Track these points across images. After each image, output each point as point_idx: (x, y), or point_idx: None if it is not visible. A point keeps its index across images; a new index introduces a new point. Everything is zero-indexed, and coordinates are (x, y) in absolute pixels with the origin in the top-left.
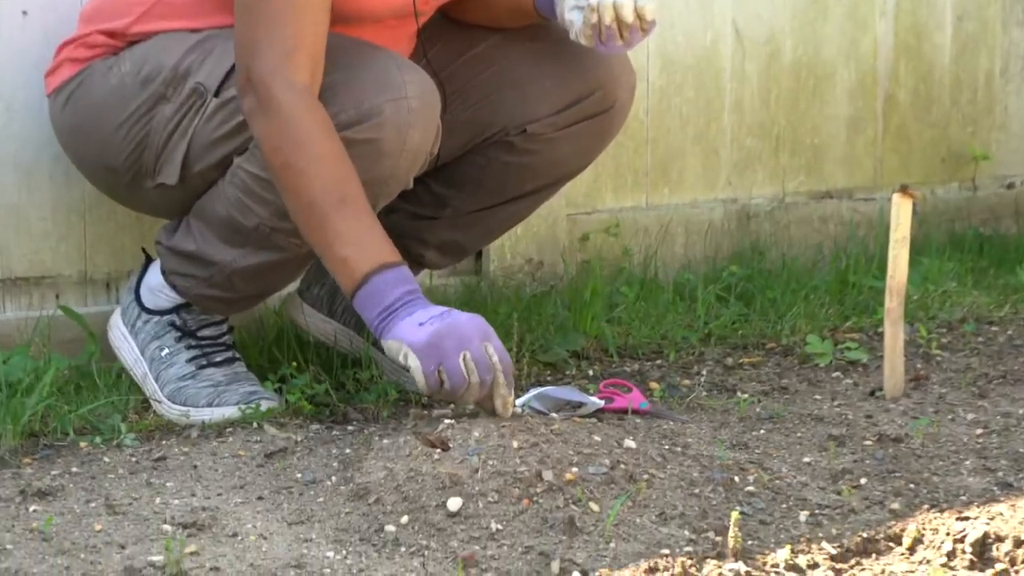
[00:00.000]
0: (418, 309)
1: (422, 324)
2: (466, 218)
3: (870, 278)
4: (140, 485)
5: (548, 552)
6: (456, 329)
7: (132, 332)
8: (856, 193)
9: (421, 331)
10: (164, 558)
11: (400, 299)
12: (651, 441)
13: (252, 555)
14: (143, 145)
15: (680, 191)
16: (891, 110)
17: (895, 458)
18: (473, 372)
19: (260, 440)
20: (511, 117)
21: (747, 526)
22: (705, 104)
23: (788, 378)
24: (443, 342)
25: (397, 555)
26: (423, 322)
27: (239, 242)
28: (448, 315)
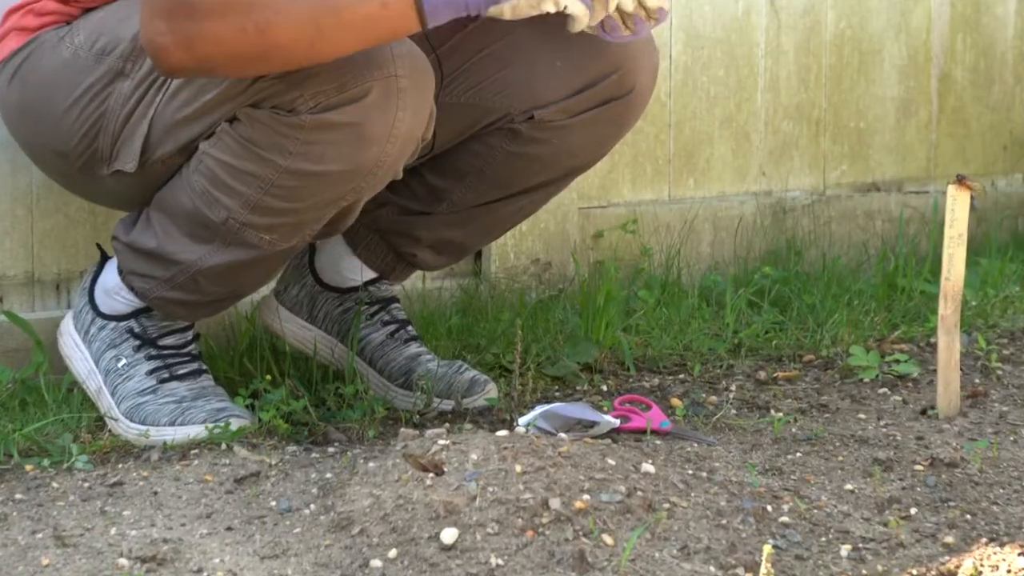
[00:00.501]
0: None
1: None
2: (464, 214)
3: (922, 281)
4: (93, 514)
5: None
6: None
7: (85, 340)
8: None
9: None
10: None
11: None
12: (672, 465)
13: None
14: (98, 127)
15: (707, 182)
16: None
17: (949, 485)
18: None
19: (229, 463)
20: (517, 101)
21: (781, 562)
22: (736, 83)
23: (828, 395)
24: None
25: None
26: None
27: (206, 238)
28: None
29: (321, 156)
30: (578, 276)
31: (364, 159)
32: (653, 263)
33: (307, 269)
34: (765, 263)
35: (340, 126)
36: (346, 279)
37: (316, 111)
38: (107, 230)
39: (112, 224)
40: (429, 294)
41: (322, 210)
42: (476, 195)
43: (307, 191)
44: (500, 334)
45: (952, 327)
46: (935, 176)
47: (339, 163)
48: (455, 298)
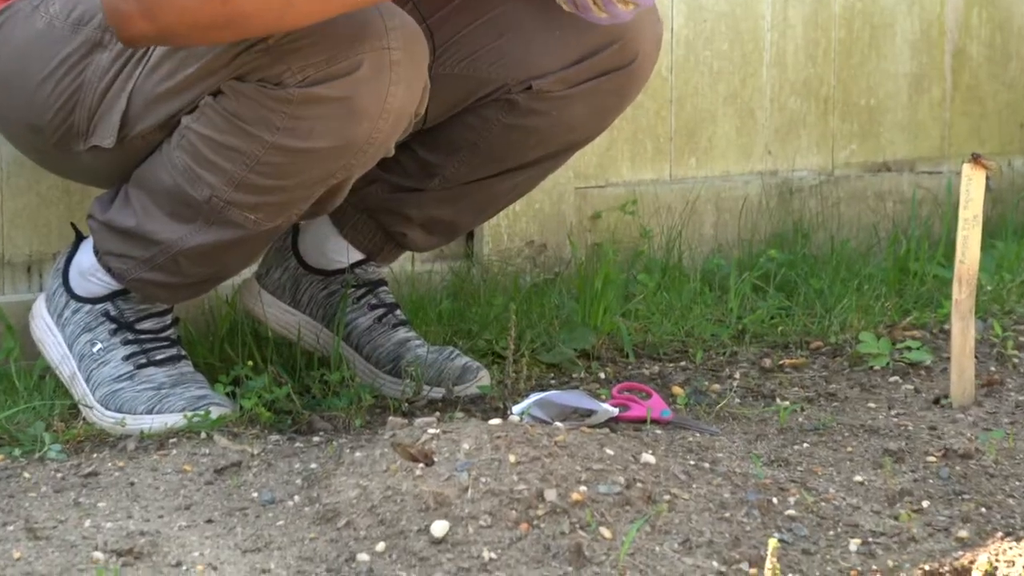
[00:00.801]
0: None
1: None
2: (457, 190)
3: (935, 265)
4: (67, 505)
5: None
6: None
7: (58, 324)
8: (919, 165)
9: None
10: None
11: None
12: (674, 456)
13: None
14: (74, 100)
15: (710, 161)
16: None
17: (964, 477)
18: None
19: (209, 453)
20: (513, 71)
21: (787, 556)
22: (740, 58)
23: (837, 383)
24: None
25: None
26: None
27: (187, 217)
28: None
29: (310, 132)
30: (575, 259)
31: (355, 135)
32: (653, 245)
33: (290, 251)
34: (771, 246)
35: (330, 100)
36: (331, 261)
37: (304, 84)
38: (82, 209)
39: (87, 203)
40: (419, 277)
41: (310, 188)
42: (469, 170)
43: (295, 168)
44: (493, 319)
45: (967, 313)
46: (949, 156)
47: (328, 139)
48: (446, 281)
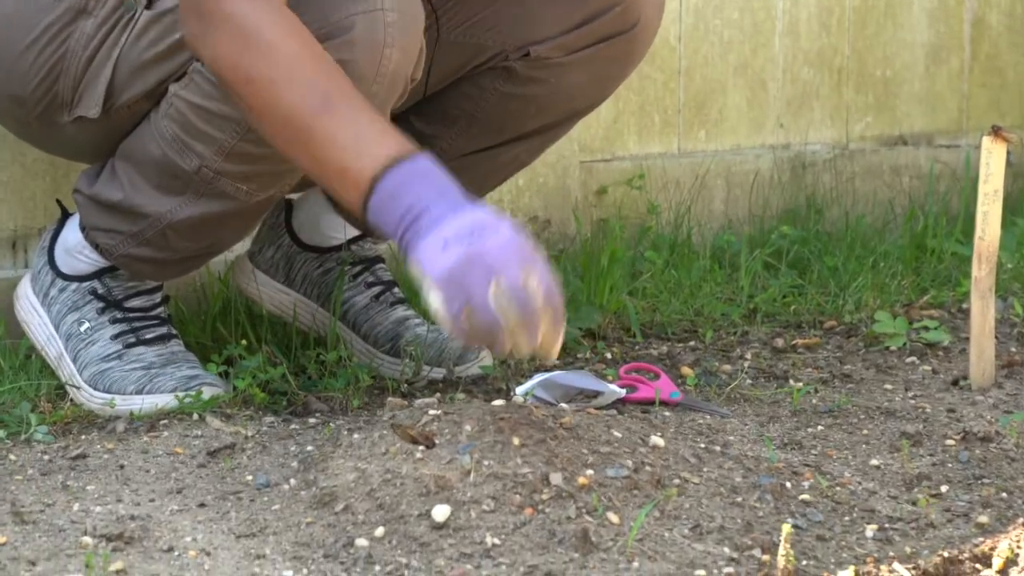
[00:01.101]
0: (446, 216)
1: (447, 244)
2: (455, 163)
3: (953, 242)
4: (54, 489)
5: (556, 573)
6: (485, 255)
7: (44, 303)
8: (936, 138)
9: (444, 256)
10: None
11: (418, 202)
12: (683, 439)
13: (192, 574)
14: (58, 69)
15: (720, 134)
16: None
17: (983, 461)
18: (508, 308)
19: (201, 435)
20: (511, 37)
21: (801, 542)
22: (751, 27)
23: (852, 364)
24: (467, 274)
25: (370, 575)
26: (448, 239)
27: (176, 189)
28: (478, 234)
29: None
30: (580, 235)
31: None
32: (661, 221)
33: (283, 228)
34: (783, 222)
35: None
36: (327, 237)
37: None
38: (68, 183)
39: (74, 176)
40: None
41: None
42: (467, 142)
43: None
44: None
45: (986, 291)
46: (967, 129)
47: None
48: None
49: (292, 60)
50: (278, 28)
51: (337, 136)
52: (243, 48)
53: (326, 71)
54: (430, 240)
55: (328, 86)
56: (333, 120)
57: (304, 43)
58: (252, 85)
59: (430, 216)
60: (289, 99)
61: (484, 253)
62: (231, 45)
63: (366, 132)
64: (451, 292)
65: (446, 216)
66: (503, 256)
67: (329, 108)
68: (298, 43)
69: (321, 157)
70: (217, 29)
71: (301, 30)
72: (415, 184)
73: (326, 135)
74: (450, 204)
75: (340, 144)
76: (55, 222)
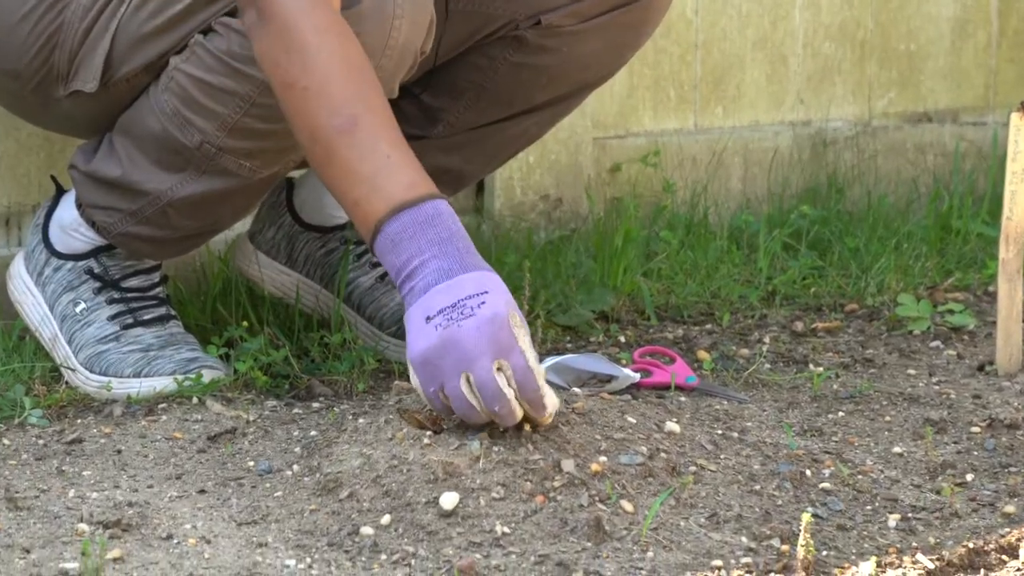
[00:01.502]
0: (437, 281)
1: (429, 320)
2: (463, 137)
3: (979, 223)
4: (49, 474)
5: (568, 562)
6: (458, 344)
7: (39, 283)
8: (962, 115)
9: (423, 334)
10: (80, 565)
11: (415, 256)
12: (699, 425)
13: (191, 563)
14: (54, 42)
15: (737, 110)
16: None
17: (1010, 449)
18: (479, 402)
19: (201, 419)
20: (522, 5)
21: (822, 532)
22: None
23: (874, 348)
24: (440, 360)
25: (376, 564)
26: (432, 314)
27: (177, 166)
28: (459, 311)
29: None
30: (592, 214)
31: None
32: (677, 200)
33: (284, 208)
34: (803, 201)
35: None
36: (330, 217)
37: None
38: (64, 158)
39: (70, 151)
40: None
41: None
42: (476, 115)
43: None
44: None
45: (1014, 273)
46: (994, 105)
47: None
48: None
49: (329, 70)
50: (320, 28)
51: (355, 163)
52: (285, 49)
53: (360, 87)
54: (416, 310)
55: (358, 106)
56: (355, 145)
57: (345, 50)
58: (289, 91)
59: (423, 277)
60: (317, 112)
61: (460, 340)
62: (275, 44)
63: (383, 165)
64: (425, 376)
65: (437, 282)
66: (477, 346)
67: (354, 131)
68: (340, 50)
69: (339, 181)
70: (266, 24)
71: (347, 34)
72: (417, 235)
73: (345, 160)
74: (444, 264)
75: (357, 173)
76: (49, 199)
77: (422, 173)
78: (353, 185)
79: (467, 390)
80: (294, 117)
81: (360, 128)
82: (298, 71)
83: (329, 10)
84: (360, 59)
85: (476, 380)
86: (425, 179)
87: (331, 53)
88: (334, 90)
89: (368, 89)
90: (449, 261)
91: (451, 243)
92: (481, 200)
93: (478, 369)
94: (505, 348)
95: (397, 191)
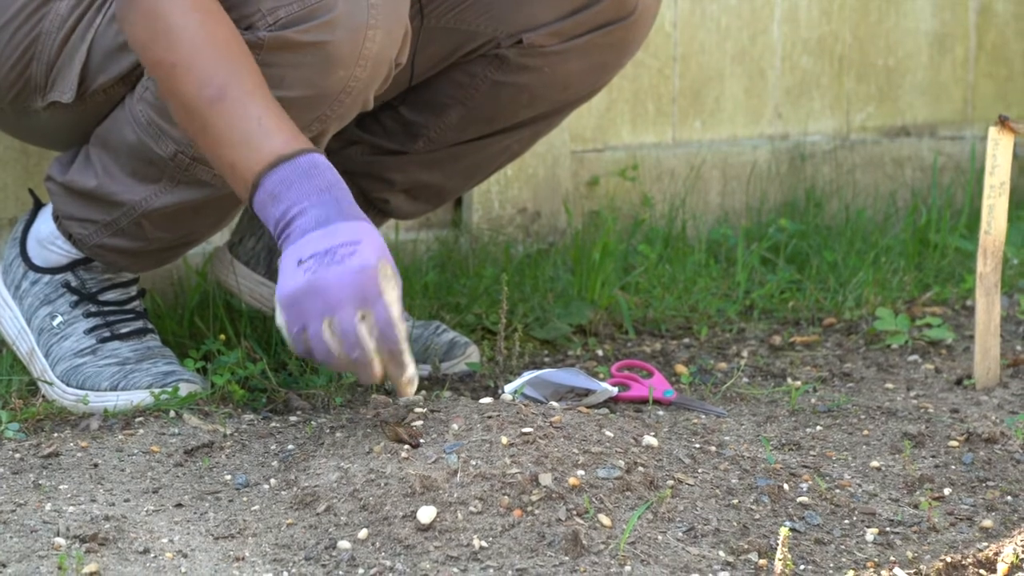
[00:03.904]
0: (313, 228)
1: (300, 263)
2: (444, 153)
3: (957, 237)
4: (26, 488)
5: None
6: (324, 289)
7: (16, 296)
8: (940, 129)
9: (292, 276)
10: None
11: (293, 206)
12: (677, 438)
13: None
14: (31, 52)
15: (716, 124)
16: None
17: (988, 463)
18: (337, 348)
19: (179, 433)
20: (504, 24)
21: (800, 546)
22: (749, 13)
23: (852, 362)
24: (305, 302)
25: None
26: (303, 258)
27: (152, 176)
28: (330, 258)
29: (281, 80)
30: (570, 228)
31: (329, 84)
32: (655, 214)
33: None
34: (781, 215)
35: (302, 46)
36: None
37: (275, 28)
38: (40, 171)
39: (46, 164)
40: (403, 246)
41: None
42: (456, 132)
43: None
44: (483, 292)
45: (992, 287)
46: (972, 120)
47: (301, 88)
48: (432, 251)
49: (195, 46)
50: (187, 8)
51: (228, 130)
52: (151, 29)
53: (228, 58)
54: (290, 253)
55: (226, 76)
56: (225, 112)
57: (212, 27)
58: (159, 69)
59: (300, 224)
60: (187, 87)
61: (326, 286)
62: (143, 26)
63: (256, 127)
64: (291, 316)
65: (312, 229)
66: (342, 292)
67: (223, 99)
68: (205, 27)
69: (215, 150)
70: (134, 5)
71: (213, 11)
72: (295, 185)
73: (219, 128)
74: (322, 213)
75: (230, 139)
76: (28, 212)
77: (296, 131)
78: (228, 150)
79: (329, 335)
80: (167, 96)
81: (229, 96)
82: (163, 49)
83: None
84: (227, 33)
85: (337, 326)
86: (299, 136)
87: (195, 31)
88: (201, 63)
89: (236, 59)
90: (327, 209)
91: (329, 192)
92: (459, 213)
93: (341, 315)
94: (370, 299)
95: (274, 147)
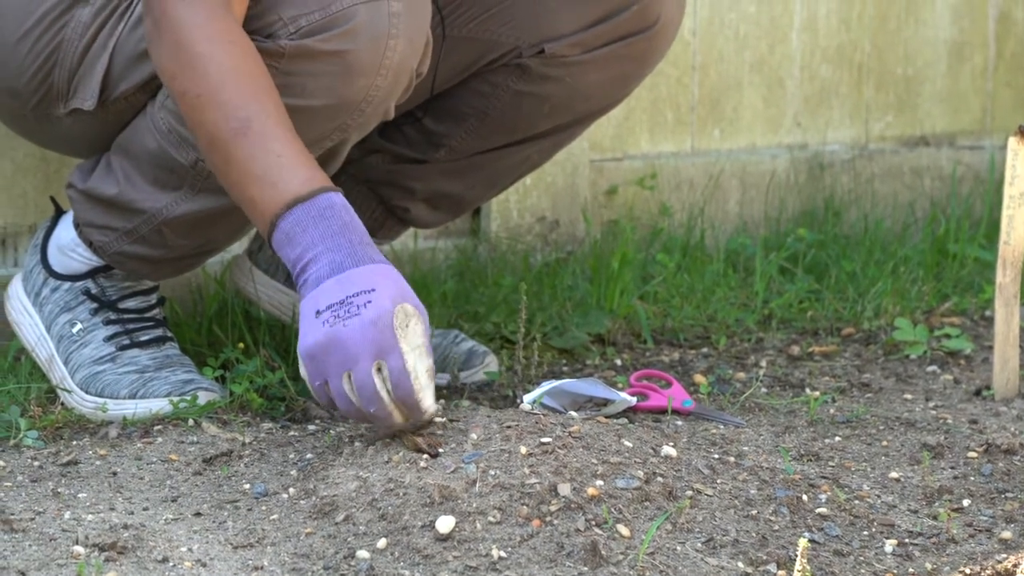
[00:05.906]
0: (327, 276)
1: (319, 313)
2: (464, 163)
3: (976, 247)
4: (45, 496)
5: None
6: (341, 344)
7: (36, 303)
8: (959, 139)
9: (312, 328)
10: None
11: (307, 251)
12: (696, 449)
13: None
14: (53, 60)
15: (734, 133)
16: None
17: (1007, 474)
18: (357, 402)
19: (197, 441)
20: (526, 33)
21: (819, 557)
22: (768, 22)
23: (871, 372)
24: (324, 357)
25: None
26: (321, 309)
27: (172, 184)
28: (347, 308)
29: (302, 89)
30: (589, 237)
31: (350, 93)
32: (673, 223)
33: None
34: (799, 225)
35: (324, 55)
36: None
37: (297, 37)
38: (60, 179)
39: (66, 172)
40: (421, 255)
41: None
42: (478, 141)
43: None
44: (501, 301)
45: (1011, 298)
46: (991, 129)
47: (322, 97)
48: (450, 260)
49: (220, 76)
50: (213, 38)
51: (250, 163)
52: (177, 59)
53: (253, 90)
54: (307, 303)
55: (250, 109)
56: (248, 145)
57: (236, 58)
58: (184, 99)
59: (314, 273)
60: (212, 118)
61: (344, 341)
62: (169, 54)
63: (275, 164)
64: (312, 370)
65: (326, 276)
66: (358, 347)
67: (247, 133)
68: (231, 56)
69: (237, 183)
70: (161, 35)
71: (239, 42)
72: (309, 229)
73: (240, 160)
74: (336, 259)
75: (251, 174)
76: (48, 220)
77: (315, 168)
78: (249, 184)
79: (348, 389)
80: (192, 127)
81: (253, 130)
82: (189, 80)
83: (224, 20)
84: (253, 65)
85: (355, 381)
86: (318, 173)
87: (221, 62)
88: (226, 96)
89: (261, 93)
90: (340, 254)
91: (343, 235)
92: (477, 222)
93: (358, 370)
94: (385, 349)
95: (290, 187)
